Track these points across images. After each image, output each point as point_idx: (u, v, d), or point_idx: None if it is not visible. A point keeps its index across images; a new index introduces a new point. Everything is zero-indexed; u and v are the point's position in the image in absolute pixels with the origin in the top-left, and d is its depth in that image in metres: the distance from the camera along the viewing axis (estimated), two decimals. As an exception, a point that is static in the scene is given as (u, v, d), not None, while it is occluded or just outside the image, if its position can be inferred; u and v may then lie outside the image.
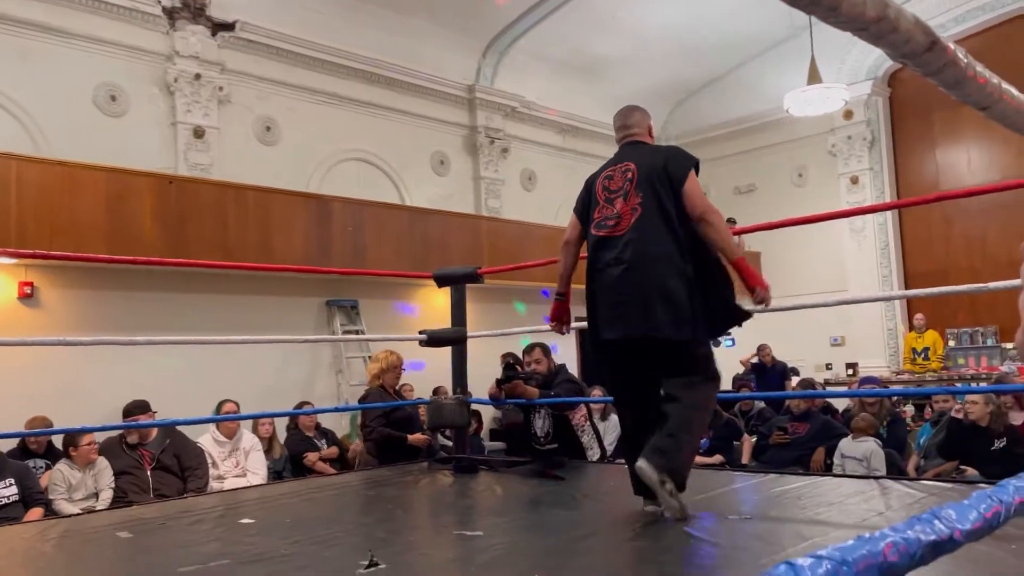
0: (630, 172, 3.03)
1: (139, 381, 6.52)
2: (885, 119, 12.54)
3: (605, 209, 3.05)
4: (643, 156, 3.09)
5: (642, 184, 2.98)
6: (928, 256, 12.13)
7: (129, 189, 6.94)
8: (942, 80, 0.68)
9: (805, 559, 0.49)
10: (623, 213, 2.99)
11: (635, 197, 2.98)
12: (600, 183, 3.12)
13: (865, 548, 0.51)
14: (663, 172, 2.97)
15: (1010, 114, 0.79)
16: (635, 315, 2.90)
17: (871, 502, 3.10)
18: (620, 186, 3.04)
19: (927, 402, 7.98)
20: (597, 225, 3.06)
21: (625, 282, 2.92)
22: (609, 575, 2.24)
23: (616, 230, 2.99)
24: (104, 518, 3.72)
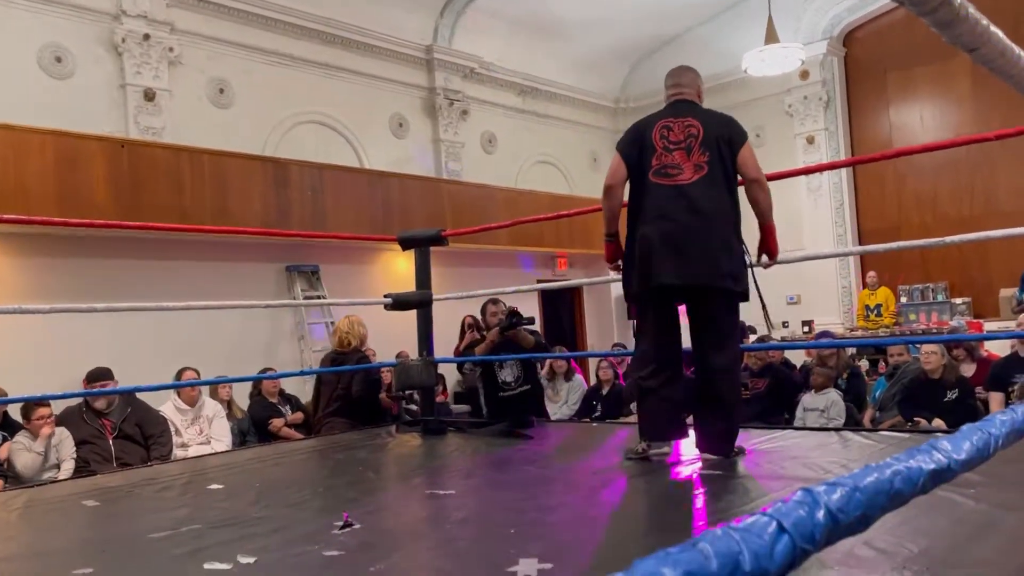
0: (694, 128, 3.14)
1: (97, 350, 6.39)
2: (840, 79, 12.67)
3: (665, 157, 3.13)
4: (707, 117, 3.21)
5: (708, 143, 3.11)
6: (881, 214, 12.36)
7: (79, 153, 6.74)
8: (936, 19, 0.68)
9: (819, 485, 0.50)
10: (685, 166, 3.09)
11: (700, 154, 3.10)
12: (657, 131, 3.17)
13: (874, 475, 0.53)
14: (727, 136, 3.14)
15: (995, 57, 0.80)
16: (702, 264, 3.05)
17: (833, 454, 3.19)
18: (682, 139, 3.13)
19: (881, 357, 8.19)
20: (657, 172, 3.13)
21: (693, 231, 3.05)
22: (582, 529, 2.27)
23: (679, 179, 3.09)
24: (68, 487, 3.67)
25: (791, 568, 0.44)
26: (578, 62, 13.07)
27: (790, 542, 0.43)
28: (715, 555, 0.38)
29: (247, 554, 2.16)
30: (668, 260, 3.05)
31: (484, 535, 2.32)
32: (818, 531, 0.46)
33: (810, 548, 0.45)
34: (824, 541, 0.47)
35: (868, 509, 0.51)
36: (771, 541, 0.42)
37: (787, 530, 0.43)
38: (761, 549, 0.41)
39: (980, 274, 11.42)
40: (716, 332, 3.13)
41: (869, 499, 0.51)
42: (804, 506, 0.46)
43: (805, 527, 0.45)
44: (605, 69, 13.67)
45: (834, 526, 0.47)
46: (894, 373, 6.09)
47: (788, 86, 12.62)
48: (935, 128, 11.72)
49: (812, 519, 0.46)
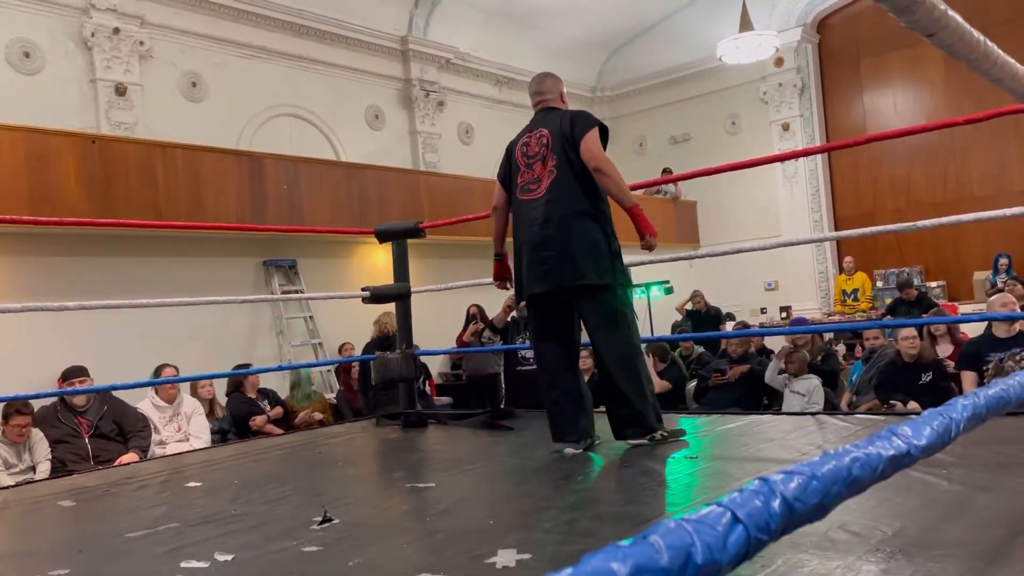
0: (544, 137, 3.27)
1: (72, 349, 6.32)
2: (814, 66, 12.74)
3: (526, 174, 3.29)
4: (553, 121, 3.30)
5: (555, 147, 3.22)
6: (856, 200, 12.47)
7: (50, 150, 6.64)
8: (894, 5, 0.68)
9: (777, 474, 0.50)
10: (541, 176, 3.24)
11: (551, 160, 3.22)
12: (519, 150, 3.35)
13: (832, 463, 0.53)
14: (569, 132, 3.21)
15: (953, 41, 0.81)
16: (560, 268, 3.17)
17: (809, 436, 3.21)
18: (537, 151, 3.28)
19: (857, 341, 8.27)
20: (521, 189, 3.30)
21: (547, 239, 3.17)
22: (562, 519, 2.28)
23: (536, 192, 3.25)
24: (44, 488, 3.63)
25: (745, 558, 0.44)
26: (554, 51, 13.03)
27: (744, 533, 0.43)
28: (666, 548, 0.38)
29: (225, 552, 2.15)
30: (532, 271, 3.22)
31: (463, 527, 2.32)
32: (774, 521, 0.46)
33: (765, 538, 0.45)
34: (780, 530, 0.47)
35: (825, 497, 0.51)
36: (724, 532, 0.42)
37: (741, 520, 0.44)
38: (714, 541, 0.41)
39: (954, 258, 11.56)
40: (596, 327, 3.25)
41: (826, 487, 0.51)
42: (760, 496, 0.46)
43: (760, 517, 0.45)
44: (581, 58, 13.65)
45: (790, 515, 0.47)
46: (870, 357, 6.15)
47: (763, 74, 12.68)
48: (908, 113, 11.82)
49: (768, 509, 0.46)
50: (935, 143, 11.40)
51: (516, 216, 3.33)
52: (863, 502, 2.09)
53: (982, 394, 0.78)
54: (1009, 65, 0.95)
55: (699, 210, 13.48)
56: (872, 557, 1.67)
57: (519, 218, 3.30)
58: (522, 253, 3.28)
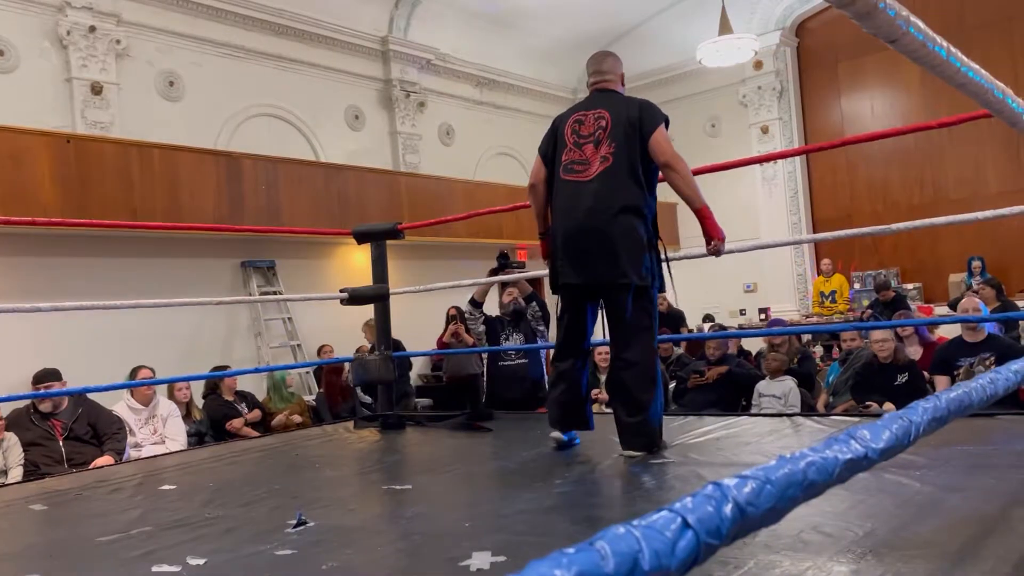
0: (603, 120, 3.09)
1: (47, 350, 6.25)
2: (793, 69, 12.84)
3: (573, 153, 3.11)
4: (617, 106, 3.14)
5: (615, 133, 3.06)
6: (834, 202, 12.58)
7: (23, 149, 6.56)
8: (855, 11, 0.69)
9: (731, 479, 0.50)
10: (591, 159, 3.07)
11: (607, 146, 3.05)
12: (569, 126, 3.15)
13: (787, 467, 0.53)
14: (636, 122, 3.06)
15: (917, 47, 0.81)
16: (601, 262, 3.03)
17: (785, 439, 3.24)
18: (592, 132, 3.09)
19: (835, 342, 8.33)
20: (565, 169, 3.12)
21: (591, 230, 3.02)
22: (538, 521, 2.28)
23: (583, 175, 3.07)
24: (15, 491, 3.58)
25: (695, 564, 0.44)
26: (535, 53, 13.05)
27: (694, 538, 0.43)
28: (613, 554, 0.38)
29: (198, 556, 2.13)
30: (570, 259, 3.08)
31: (439, 529, 2.31)
32: (725, 526, 0.46)
33: (716, 543, 0.45)
34: (732, 535, 0.47)
35: (779, 501, 0.51)
36: (674, 538, 0.42)
37: (691, 526, 0.43)
38: (662, 546, 0.41)
39: (931, 260, 11.68)
40: (623, 326, 3.10)
41: (780, 491, 0.51)
42: (712, 501, 0.46)
43: (711, 522, 0.45)
44: (562, 60, 13.67)
45: (743, 520, 0.47)
46: (847, 358, 6.20)
47: (742, 76, 12.76)
48: (885, 117, 11.93)
49: (719, 514, 0.46)
50: (912, 146, 11.52)
51: (557, 196, 3.16)
52: (836, 504, 2.11)
53: (943, 397, 0.79)
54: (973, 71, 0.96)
55: (679, 211, 13.52)
56: (843, 558, 1.69)
57: (560, 199, 3.13)
58: (559, 238, 3.11)
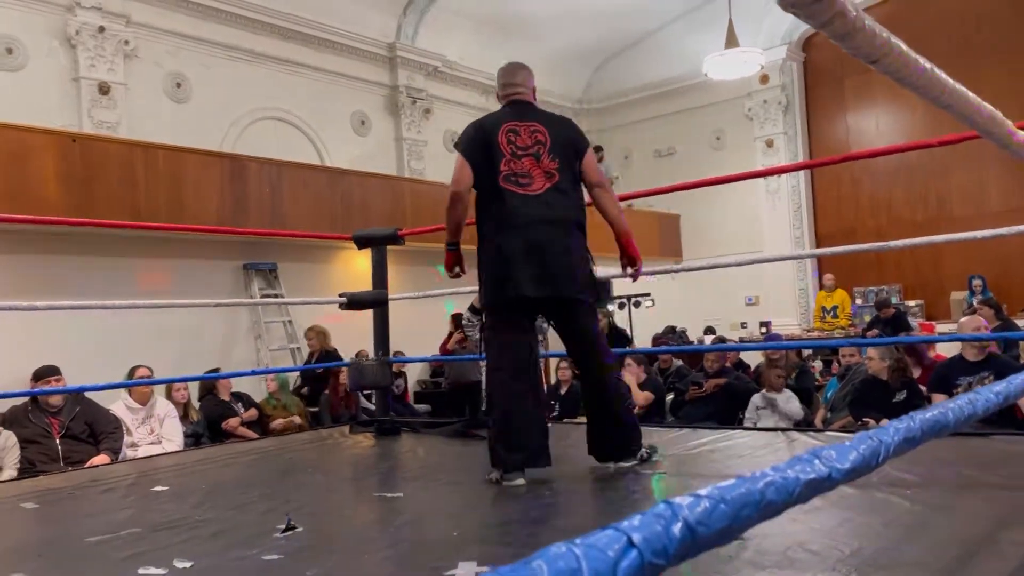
0: (540, 135, 3.05)
1: (46, 349, 6.25)
2: (799, 84, 12.86)
3: (514, 164, 3.00)
4: (551, 122, 3.12)
5: (556, 150, 3.03)
6: (838, 217, 12.57)
7: (29, 148, 6.58)
8: (832, 31, 0.69)
9: (684, 498, 0.50)
10: (535, 174, 3.00)
11: (549, 161, 3.01)
12: (503, 135, 3.04)
13: (744, 487, 0.53)
14: (573, 142, 3.09)
15: (899, 68, 0.81)
16: (560, 276, 2.98)
17: (778, 453, 3.23)
18: (529, 145, 3.03)
19: (834, 357, 8.32)
20: (506, 179, 3.00)
21: (550, 243, 2.96)
22: (524, 532, 2.27)
23: (532, 189, 2.99)
24: (8, 489, 3.58)
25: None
26: (541, 63, 13.01)
27: (638, 557, 0.43)
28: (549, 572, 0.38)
29: (184, 559, 2.13)
30: (527, 271, 2.94)
31: (427, 538, 2.31)
32: (672, 545, 0.46)
33: (662, 563, 0.45)
34: (680, 555, 0.47)
35: (734, 521, 0.51)
36: (616, 557, 0.42)
37: (636, 545, 0.43)
38: (603, 565, 0.41)
39: (933, 277, 11.66)
40: (588, 339, 3.06)
41: (735, 511, 0.51)
42: (661, 520, 0.46)
43: (658, 542, 0.45)
44: (568, 71, 13.71)
45: (692, 540, 0.47)
46: (846, 374, 6.19)
47: (748, 90, 12.78)
48: (890, 133, 11.94)
49: (667, 533, 0.46)
50: (916, 162, 11.52)
51: (498, 206, 2.99)
52: (824, 521, 2.10)
53: (917, 418, 0.78)
54: (958, 92, 0.96)
55: (683, 223, 13.54)
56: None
57: (503, 210, 2.98)
58: (512, 248, 2.95)
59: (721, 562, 1.78)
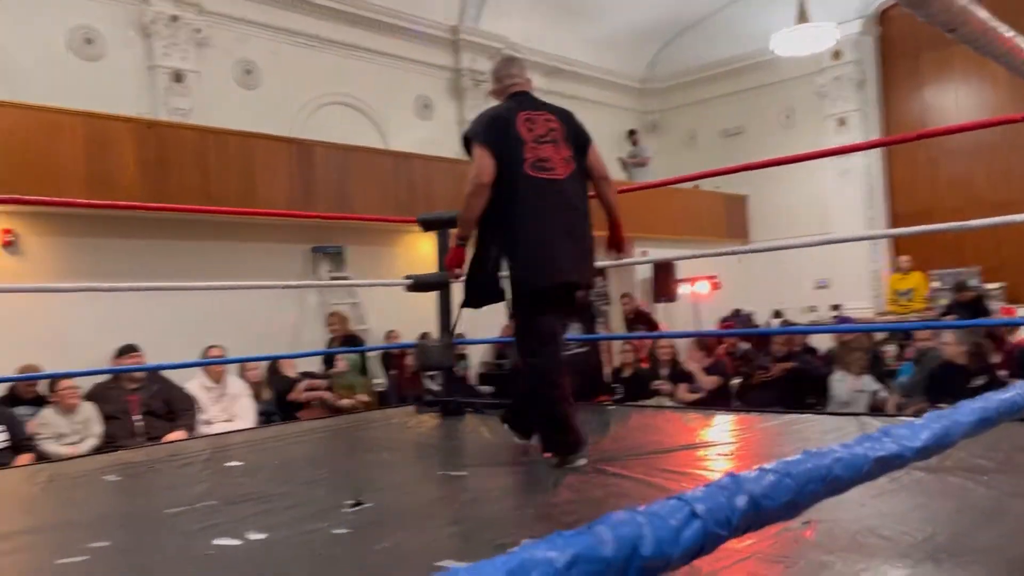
0: (552, 123, 3.09)
1: (125, 329, 6.50)
2: (874, 59, 12.42)
3: (537, 150, 3.01)
4: (559, 112, 3.17)
5: (569, 139, 3.10)
6: (914, 197, 12.14)
7: (108, 135, 6.82)
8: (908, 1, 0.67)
9: (751, 472, 0.50)
10: (556, 161, 3.03)
11: (565, 150, 3.07)
12: (523, 124, 3.04)
13: (811, 462, 0.53)
14: (581, 133, 3.16)
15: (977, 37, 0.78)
16: (587, 261, 3.10)
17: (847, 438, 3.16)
18: (545, 133, 3.06)
19: (909, 342, 8.08)
20: (533, 166, 2.99)
21: (577, 229, 3.04)
22: (587, 510, 2.28)
23: (556, 174, 3.02)
24: (91, 462, 3.75)
25: (700, 553, 0.44)
26: (605, 42, 12.95)
27: (701, 527, 0.43)
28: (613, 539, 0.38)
29: (258, 531, 2.20)
30: (567, 257, 2.99)
31: (490, 516, 2.34)
32: (735, 517, 0.46)
33: (724, 533, 0.45)
34: (744, 527, 0.47)
35: (798, 496, 0.51)
36: (679, 526, 0.42)
37: (699, 515, 0.43)
38: (666, 534, 0.41)
39: (1015, 259, 11.18)
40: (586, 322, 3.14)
41: (800, 485, 0.51)
42: (725, 492, 0.46)
43: (721, 513, 0.45)
44: (632, 49, 13.53)
45: (755, 512, 0.47)
46: (921, 359, 6.01)
47: (820, 66, 12.40)
48: (969, 109, 11.46)
49: (731, 505, 0.45)
50: (998, 140, 11.03)
51: (525, 194, 2.97)
52: (896, 506, 2.06)
53: (994, 398, 0.76)
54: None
55: (750, 204, 13.28)
56: (899, 562, 1.64)
57: (532, 197, 2.97)
58: (551, 233, 2.96)
59: (786, 544, 1.76)
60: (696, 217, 12.42)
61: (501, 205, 3.00)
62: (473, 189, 3.01)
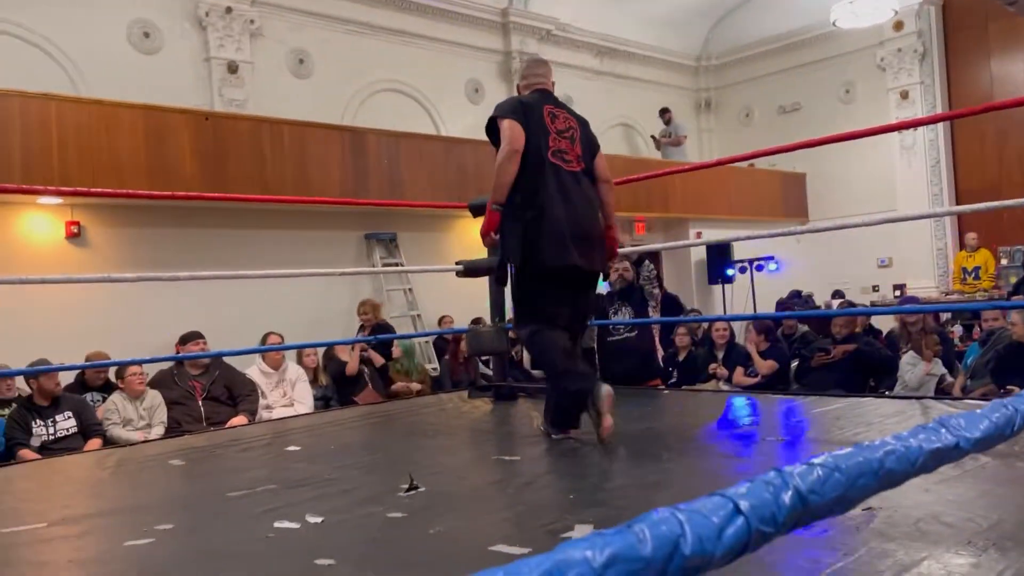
0: (571, 122, 3.33)
1: (187, 316, 6.68)
2: (938, 29, 11.97)
3: (559, 141, 3.25)
4: (577, 117, 3.40)
5: (583, 141, 3.34)
6: (981, 173, 11.71)
7: (167, 126, 6.99)
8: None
9: (797, 466, 0.48)
10: (571, 155, 3.26)
11: (578, 148, 3.30)
12: (548, 115, 3.26)
13: (861, 456, 0.51)
14: (592, 139, 3.41)
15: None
16: (598, 250, 3.31)
17: (910, 422, 3.08)
18: (565, 129, 3.29)
19: (976, 322, 7.83)
20: (554, 154, 3.20)
21: (590, 219, 3.26)
22: (642, 496, 2.27)
23: (574, 166, 3.26)
24: (157, 447, 3.86)
25: (745, 551, 0.42)
26: (657, 20, 12.74)
27: (745, 524, 0.42)
28: (652, 537, 0.37)
29: (316, 514, 2.24)
30: (576, 244, 3.17)
31: (544, 501, 2.34)
32: (782, 513, 0.44)
33: (770, 531, 0.44)
34: (791, 523, 0.45)
35: (849, 490, 0.49)
36: (722, 523, 0.41)
37: (743, 512, 0.42)
38: (708, 532, 0.40)
39: (1090, 235, 10.74)
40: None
41: (851, 480, 0.49)
42: (770, 487, 0.45)
43: (766, 509, 0.43)
44: (685, 26, 13.29)
45: (803, 508, 0.46)
46: (988, 339, 5.82)
47: (880, 39, 12.02)
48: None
49: (776, 501, 0.44)
50: (1071, 111, 10.57)
51: (546, 178, 3.14)
52: (962, 492, 2.00)
53: (1062, 385, 0.73)
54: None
55: (808, 182, 12.99)
56: (963, 550, 1.60)
57: (552, 183, 3.15)
58: (563, 220, 3.13)
59: (847, 533, 1.72)
60: (752, 196, 12.21)
61: (525, 183, 3.16)
62: (507, 153, 3.12)
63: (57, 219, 6.91)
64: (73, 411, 4.95)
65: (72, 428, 4.89)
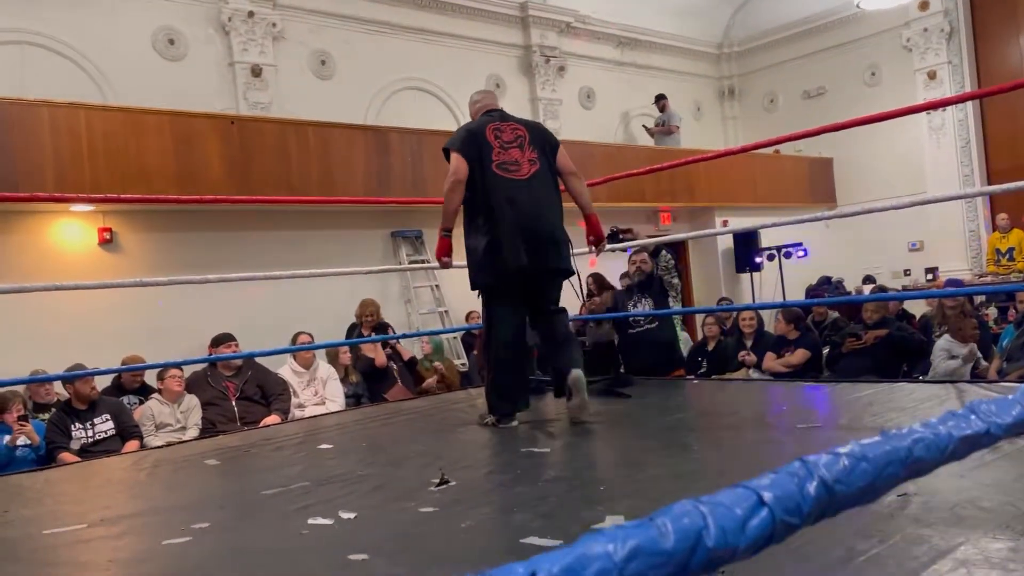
0: (519, 130, 3.61)
1: (219, 318, 6.76)
2: (965, 7, 11.74)
3: (503, 154, 3.53)
4: (526, 123, 3.70)
5: (534, 143, 3.59)
6: (1013, 152, 11.48)
7: (193, 132, 7.07)
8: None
9: (821, 455, 0.48)
10: (521, 162, 3.53)
11: (530, 152, 3.56)
12: (490, 133, 3.56)
13: (888, 444, 0.50)
14: (547, 139, 3.67)
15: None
16: (550, 250, 3.53)
17: (944, 406, 3.03)
18: (513, 139, 3.56)
19: (1011, 304, 7.70)
20: (500, 167, 3.51)
21: (540, 220, 3.50)
22: (673, 487, 2.26)
23: (519, 174, 3.51)
24: (193, 447, 3.92)
25: (770, 543, 0.42)
26: (678, 8, 12.64)
27: (769, 516, 0.42)
28: (674, 531, 0.37)
29: (349, 510, 2.27)
30: (526, 246, 3.46)
31: (575, 493, 2.34)
32: (807, 504, 0.44)
33: (796, 522, 0.44)
34: (817, 514, 0.45)
35: (877, 480, 0.49)
36: (745, 515, 0.41)
37: (767, 503, 0.42)
38: (731, 524, 0.40)
39: None
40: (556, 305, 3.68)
41: (878, 469, 0.49)
42: (795, 478, 0.45)
43: (791, 500, 0.43)
44: (706, 13, 13.17)
45: (829, 498, 0.45)
46: (1023, 321, 5.72)
47: (906, 19, 11.83)
48: (1073, 55, 10.75)
49: (801, 491, 0.44)
50: (1106, 85, 10.32)
51: (493, 191, 3.47)
52: (999, 476, 1.97)
53: (1095, 368, 0.71)
54: None
55: (836, 167, 12.83)
56: (1001, 535, 1.58)
57: (499, 194, 3.46)
58: (508, 228, 3.44)
59: (881, 520, 1.70)
60: (779, 183, 12.08)
61: (472, 203, 3.55)
62: (451, 185, 3.53)
63: (90, 226, 7.02)
64: (110, 414, 5.03)
65: (110, 431, 4.98)
